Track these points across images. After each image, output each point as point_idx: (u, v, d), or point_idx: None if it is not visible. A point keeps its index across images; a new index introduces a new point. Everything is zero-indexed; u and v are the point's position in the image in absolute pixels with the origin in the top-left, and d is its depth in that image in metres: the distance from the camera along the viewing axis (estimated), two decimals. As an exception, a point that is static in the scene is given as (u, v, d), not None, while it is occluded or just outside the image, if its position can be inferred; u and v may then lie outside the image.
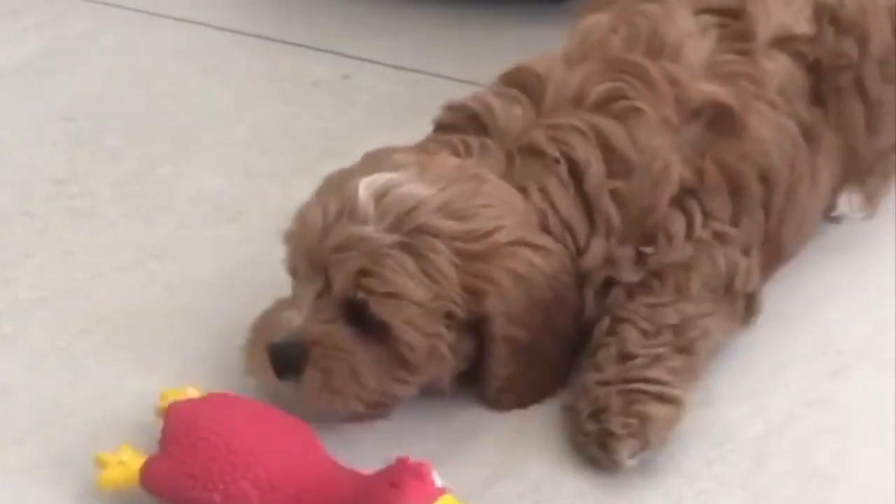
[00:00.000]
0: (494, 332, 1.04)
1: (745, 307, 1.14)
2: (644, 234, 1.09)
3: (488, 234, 1.04)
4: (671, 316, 1.08)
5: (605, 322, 1.09)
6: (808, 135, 1.17)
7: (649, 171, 1.09)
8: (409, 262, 1.02)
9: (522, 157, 1.09)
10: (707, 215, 1.11)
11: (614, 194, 1.09)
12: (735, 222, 1.13)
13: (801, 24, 1.19)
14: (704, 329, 1.08)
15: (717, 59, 1.15)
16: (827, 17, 1.21)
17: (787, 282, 1.20)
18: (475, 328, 1.05)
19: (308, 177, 1.11)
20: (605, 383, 1.04)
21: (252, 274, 1.22)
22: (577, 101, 1.11)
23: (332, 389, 1.03)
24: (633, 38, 1.16)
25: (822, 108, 1.19)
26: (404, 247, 1.02)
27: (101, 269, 1.26)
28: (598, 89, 1.11)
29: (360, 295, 1.02)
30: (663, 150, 1.09)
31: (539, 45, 1.21)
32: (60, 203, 1.36)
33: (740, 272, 1.12)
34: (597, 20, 1.19)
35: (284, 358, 1.03)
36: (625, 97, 1.10)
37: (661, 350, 1.06)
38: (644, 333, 1.07)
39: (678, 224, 1.10)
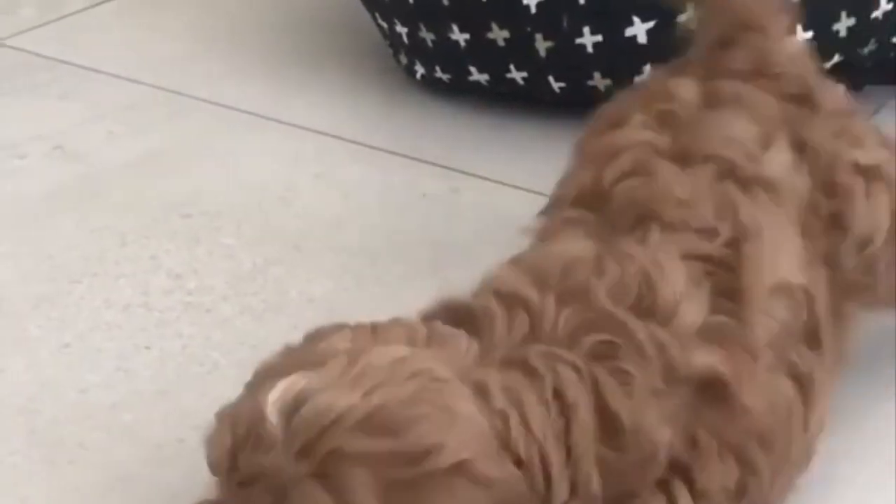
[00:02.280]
0: None
1: None
2: None
3: (423, 455, 0.85)
4: None
5: None
6: (802, 383, 1.07)
7: (640, 447, 0.95)
8: (321, 497, 0.85)
9: (502, 366, 0.94)
10: (698, 497, 0.99)
11: (600, 461, 0.93)
12: (738, 492, 1.00)
13: (798, 275, 1.08)
14: None
15: (710, 321, 1.02)
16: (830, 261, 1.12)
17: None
18: None
19: (416, 287, 1.15)
20: None
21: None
22: (570, 344, 0.97)
23: None
24: (621, 288, 1.01)
25: (817, 349, 1.09)
26: (316, 478, 0.85)
27: (217, 364, 1.30)
28: (589, 341, 0.97)
29: None
30: (653, 425, 0.96)
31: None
32: (178, 297, 1.41)
33: None
34: (581, 251, 1.04)
35: None
36: (616, 357, 0.97)
37: None
38: None
39: None
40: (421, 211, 1.57)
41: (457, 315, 0.98)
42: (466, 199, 1.59)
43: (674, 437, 0.96)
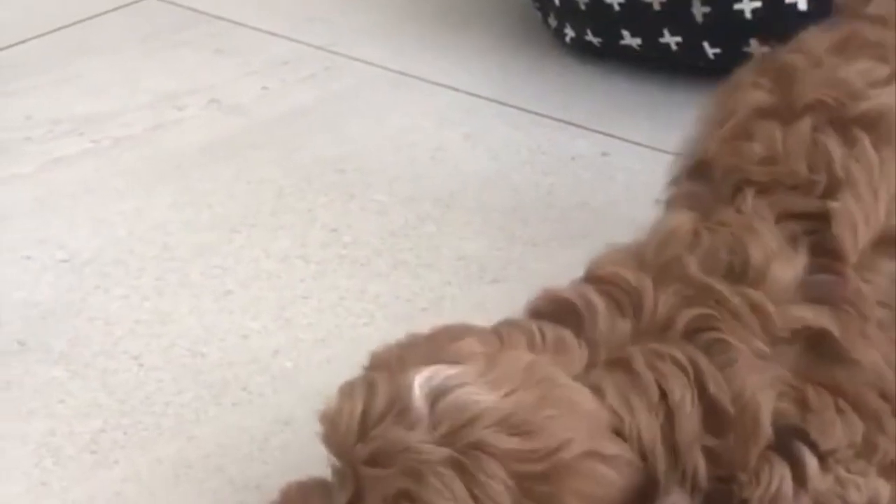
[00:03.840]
0: None
1: None
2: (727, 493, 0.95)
3: (554, 451, 0.89)
4: None
5: None
6: None
7: (744, 424, 0.95)
8: (457, 485, 0.87)
9: (609, 368, 0.96)
10: (824, 457, 0.96)
11: (707, 451, 0.95)
12: (867, 447, 0.97)
13: None
14: None
15: (810, 279, 1.00)
16: None
17: None
18: None
19: (568, 248, 1.16)
20: None
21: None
22: (667, 324, 0.98)
23: None
24: (713, 255, 1.01)
25: None
26: (455, 464, 0.87)
27: (373, 317, 1.34)
28: (686, 316, 0.98)
29: None
30: (755, 393, 0.95)
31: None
32: (334, 250, 1.45)
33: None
34: (680, 224, 1.04)
35: None
36: (713, 328, 0.97)
37: None
38: None
39: (777, 476, 0.94)
40: (570, 173, 1.59)
41: (560, 309, 1.00)
42: (616, 163, 1.60)
43: (781, 400, 0.96)
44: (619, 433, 0.92)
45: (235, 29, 1.97)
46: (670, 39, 1.67)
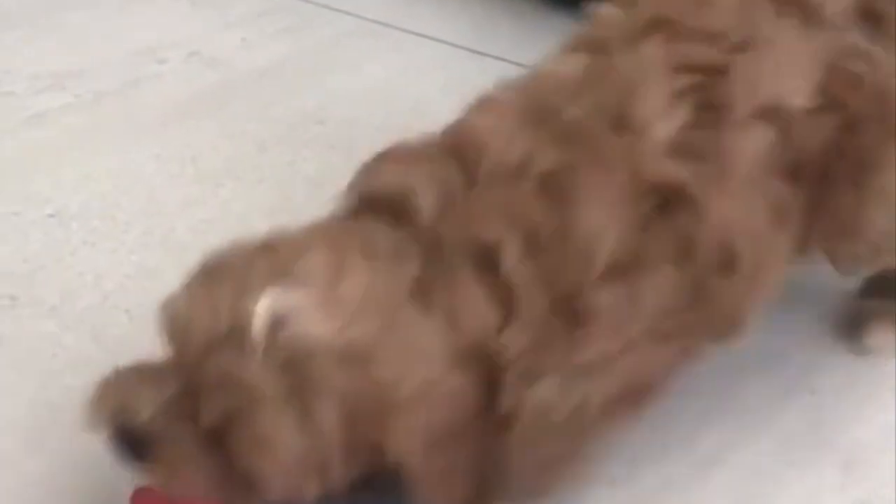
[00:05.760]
0: (408, 475, 0.93)
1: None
2: (570, 319, 0.96)
3: (390, 386, 0.91)
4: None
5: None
6: (777, 214, 1.03)
7: (577, 245, 0.96)
8: (288, 413, 0.89)
9: (433, 257, 0.96)
10: (637, 302, 0.97)
11: (534, 272, 0.95)
12: (678, 301, 0.99)
13: (797, 96, 1.03)
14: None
15: (686, 135, 1.00)
16: (837, 92, 1.04)
17: None
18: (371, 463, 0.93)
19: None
20: None
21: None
22: (519, 171, 0.98)
23: (172, 486, 0.95)
24: (599, 105, 1.01)
25: (798, 188, 1.04)
26: (288, 395, 0.89)
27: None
28: (543, 161, 0.98)
29: (227, 428, 0.90)
30: (600, 227, 0.96)
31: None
32: (319, 203, 1.47)
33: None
34: (567, 72, 1.05)
35: (128, 444, 0.94)
36: (572, 170, 0.97)
37: None
38: None
39: (607, 310, 0.96)
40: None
41: (384, 199, 1.01)
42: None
43: (619, 242, 0.96)
44: (452, 350, 0.93)
45: (213, -20, 1.98)
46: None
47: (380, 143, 1.62)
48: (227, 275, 0.94)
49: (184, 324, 0.93)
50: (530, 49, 1.83)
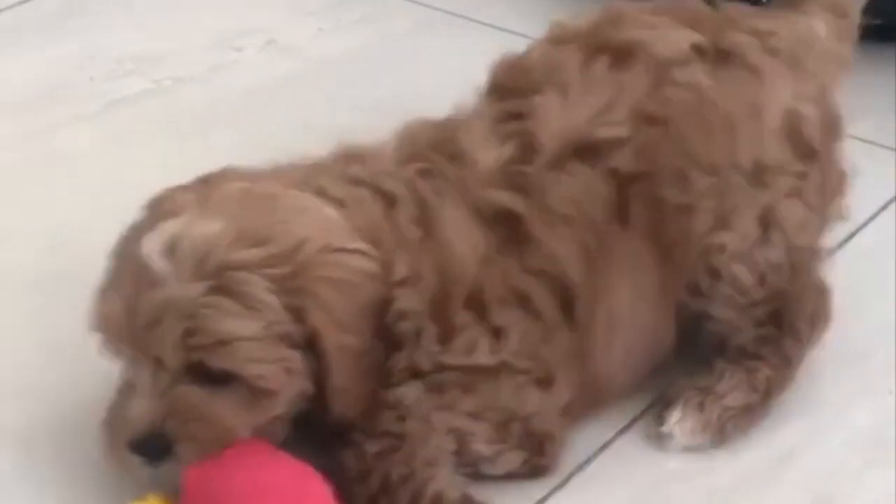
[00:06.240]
0: (326, 345, 1.01)
1: (537, 450, 1.09)
2: (440, 324, 1.05)
3: (294, 250, 1.00)
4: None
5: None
6: (604, 248, 1.10)
7: (453, 255, 1.06)
8: (225, 303, 0.98)
9: (329, 180, 1.08)
10: (496, 335, 1.06)
11: (425, 248, 1.06)
12: (526, 345, 1.07)
13: (606, 128, 1.11)
14: (455, 443, 1.05)
15: (509, 168, 1.10)
16: (645, 118, 1.12)
17: None
18: (311, 347, 1.02)
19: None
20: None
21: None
22: (397, 170, 1.11)
23: (206, 448, 1.01)
24: (436, 142, 1.14)
25: (624, 221, 1.11)
26: (215, 290, 0.98)
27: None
28: (412, 166, 1.10)
29: (194, 356, 0.98)
30: (465, 246, 1.07)
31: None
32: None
33: (528, 412, 1.07)
34: (415, 124, 1.20)
35: (149, 448, 1.00)
36: (436, 178, 1.10)
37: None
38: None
39: (467, 334, 1.05)
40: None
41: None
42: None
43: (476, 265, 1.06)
44: (353, 228, 1.03)
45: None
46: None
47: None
48: (116, 249, 1.05)
49: (105, 309, 1.01)
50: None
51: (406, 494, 1.02)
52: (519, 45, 1.84)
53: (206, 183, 1.06)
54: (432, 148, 1.13)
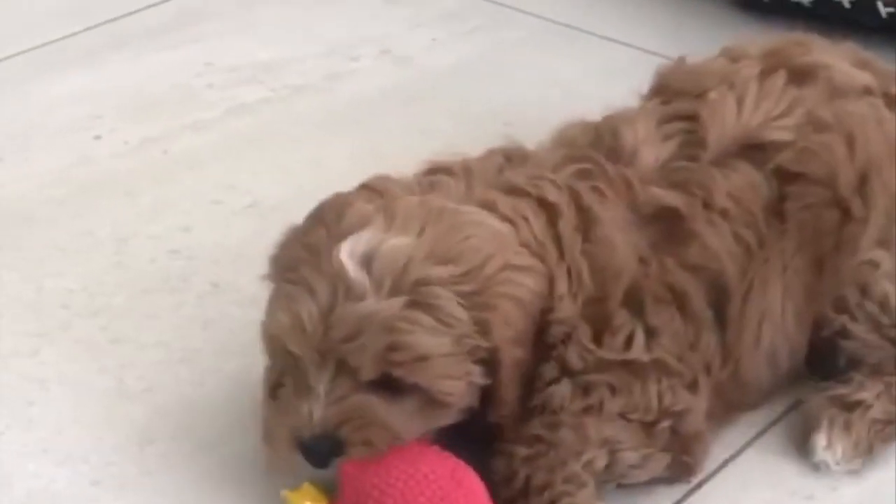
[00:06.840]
0: (503, 359, 1.04)
1: (684, 450, 1.09)
2: (596, 323, 1.08)
3: (479, 267, 1.03)
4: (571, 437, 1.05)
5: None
6: (762, 247, 1.12)
7: (613, 255, 1.08)
8: (423, 319, 1.00)
9: (491, 191, 1.10)
10: (650, 334, 1.09)
11: (585, 253, 1.08)
12: (676, 346, 1.09)
13: (778, 131, 1.16)
14: (607, 457, 1.06)
15: (671, 165, 1.14)
16: (820, 125, 1.16)
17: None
18: (488, 361, 1.04)
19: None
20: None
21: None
22: (554, 169, 1.14)
23: (375, 453, 1.03)
24: (597, 140, 1.18)
25: (783, 223, 1.14)
26: (413, 305, 1.00)
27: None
28: (571, 168, 1.13)
29: (390, 370, 1.01)
30: (624, 244, 1.09)
31: None
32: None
33: (678, 410, 1.08)
34: (573, 125, 1.24)
35: (319, 450, 1.02)
36: (593, 179, 1.12)
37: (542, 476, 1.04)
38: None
39: (625, 330, 1.08)
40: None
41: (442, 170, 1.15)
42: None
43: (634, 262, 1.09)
44: (522, 243, 1.06)
45: (403, -21, 2.02)
46: (843, -3, 1.68)
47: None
48: (288, 265, 1.06)
49: (291, 319, 1.02)
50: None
51: (542, 503, 1.03)
52: (632, 58, 1.86)
53: (373, 191, 1.10)
54: (593, 146, 1.17)
